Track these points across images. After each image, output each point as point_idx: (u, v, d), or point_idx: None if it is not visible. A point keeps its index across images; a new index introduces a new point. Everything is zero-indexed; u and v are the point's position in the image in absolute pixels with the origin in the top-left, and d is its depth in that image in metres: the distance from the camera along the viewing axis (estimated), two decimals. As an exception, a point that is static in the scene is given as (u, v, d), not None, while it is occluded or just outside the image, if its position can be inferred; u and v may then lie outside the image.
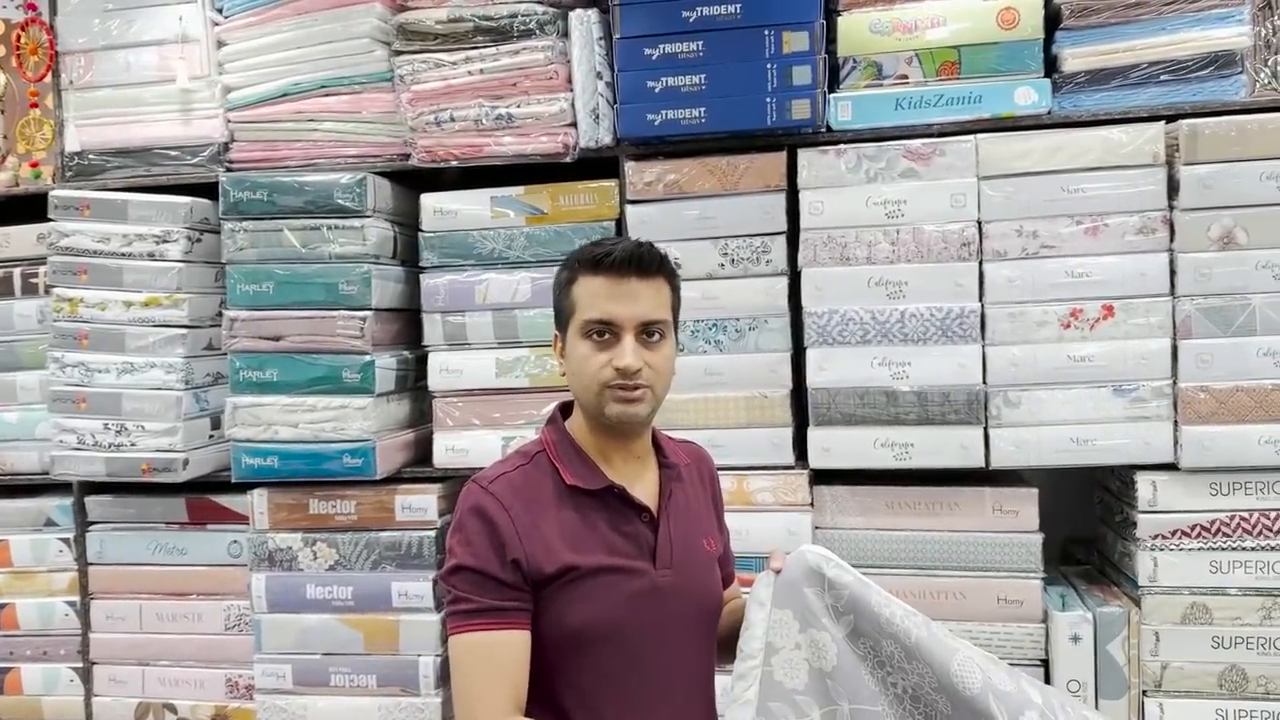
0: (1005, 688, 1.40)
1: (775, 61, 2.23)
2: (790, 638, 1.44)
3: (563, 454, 1.47)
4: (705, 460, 1.66)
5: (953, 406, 2.20)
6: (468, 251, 2.43)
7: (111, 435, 2.46)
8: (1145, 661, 2.16)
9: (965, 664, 1.41)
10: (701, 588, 1.51)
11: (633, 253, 1.41)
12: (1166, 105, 2.18)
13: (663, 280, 1.45)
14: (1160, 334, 2.15)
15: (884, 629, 1.43)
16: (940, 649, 1.42)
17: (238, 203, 2.40)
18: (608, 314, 1.40)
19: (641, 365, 1.40)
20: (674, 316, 1.49)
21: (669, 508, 1.50)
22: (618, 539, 1.44)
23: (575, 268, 1.45)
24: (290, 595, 2.43)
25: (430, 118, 2.41)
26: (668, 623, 1.44)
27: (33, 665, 2.66)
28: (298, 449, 2.39)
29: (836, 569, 1.46)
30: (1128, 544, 2.25)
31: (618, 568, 1.42)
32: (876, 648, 1.44)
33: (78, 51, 2.61)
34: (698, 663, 1.51)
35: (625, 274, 1.41)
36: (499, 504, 1.40)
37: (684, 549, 1.49)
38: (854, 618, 1.45)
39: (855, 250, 2.24)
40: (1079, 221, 2.17)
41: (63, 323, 2.48)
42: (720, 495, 1.67)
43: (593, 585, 1.40)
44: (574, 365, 1.44)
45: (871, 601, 1.44)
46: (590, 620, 1.40)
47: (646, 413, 1.44)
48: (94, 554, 2.60)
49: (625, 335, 1.40)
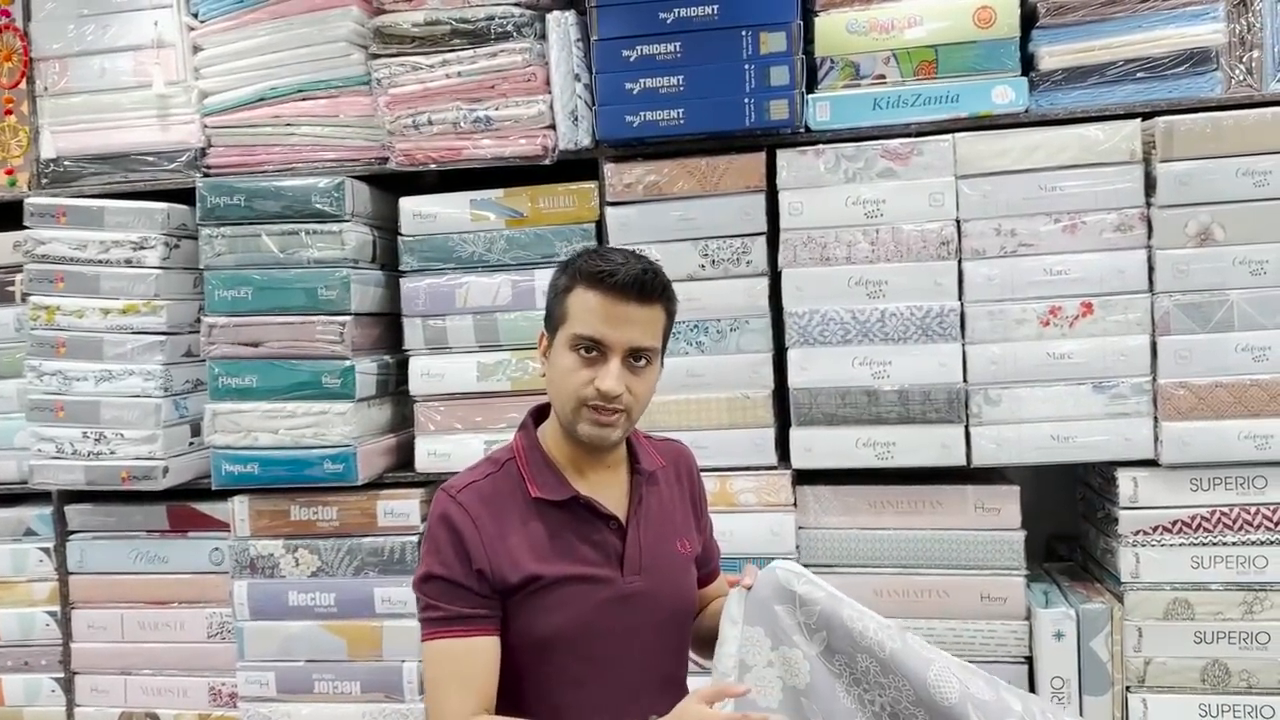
0: (984, 696, 1.40)
1: (753, 62, 2.23)
2: (762, 655, 1.45)
3: (531, 463, 1.48)
4: (685, 458, 1.66)
5: (933, 405, 2.20)
6: (448, 255, 2.42)
7: (90, 443, 2.44)
8: (1128, 658, 2.17)
9: (942, 674, 1.41)
10: (672, 591, 1.52)
11: (637, 277, 1.40)
12: (1143, 102, 2.19)
13: (660, 307, 1.44)
14: (1139, 331, 2.16)
15: (858, 644, 1.43)
16: (916, 660, 1.42)
17: (215, 208, 2.38)
18: (599, 334, 1.40)
19: (623, 390, 1.39)
20: (664, 343, 1.49)
21: (639, 514, 1.50)
22: (584, 548, 1.45)
23: (576, 277, 1.43)
24: (272, 602, 2.42)
25: (408, 121, 2.40)
26: (637, 627, 1.46)
27: (14, 676, 2.64)
28: (278, 455, 2.37)
29: (807, 585, 1.46)
30: (1110, 540, 2.26)
31: (584, 577, 1.44)
32: (852, 664, 1.44)
33: (52, 58, 2.59)
34: (669, 663, 1.54)
35: (625, 297, 1.39)
36: (465, 514, 1.42)
37: (654, 554, 1.50)
38: (827, 634, 1.45)
39: (835, 250, 2.24)
40: (1057, 219, 2.17)
41: (40, 331, 2.45)
42: (701, 493, 1.67)
43: (558, 594, 1.42)
44: (556, 374, 1.44)
45: (844, 617, 1.44)
46: (557, 628, 1.42)
47: (618, 436, 1.44)
48: (74, 563, 2.58)
49: (613, 357, 1.40)
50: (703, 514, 1.66)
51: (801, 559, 2.28)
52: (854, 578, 2.25)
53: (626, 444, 1.55)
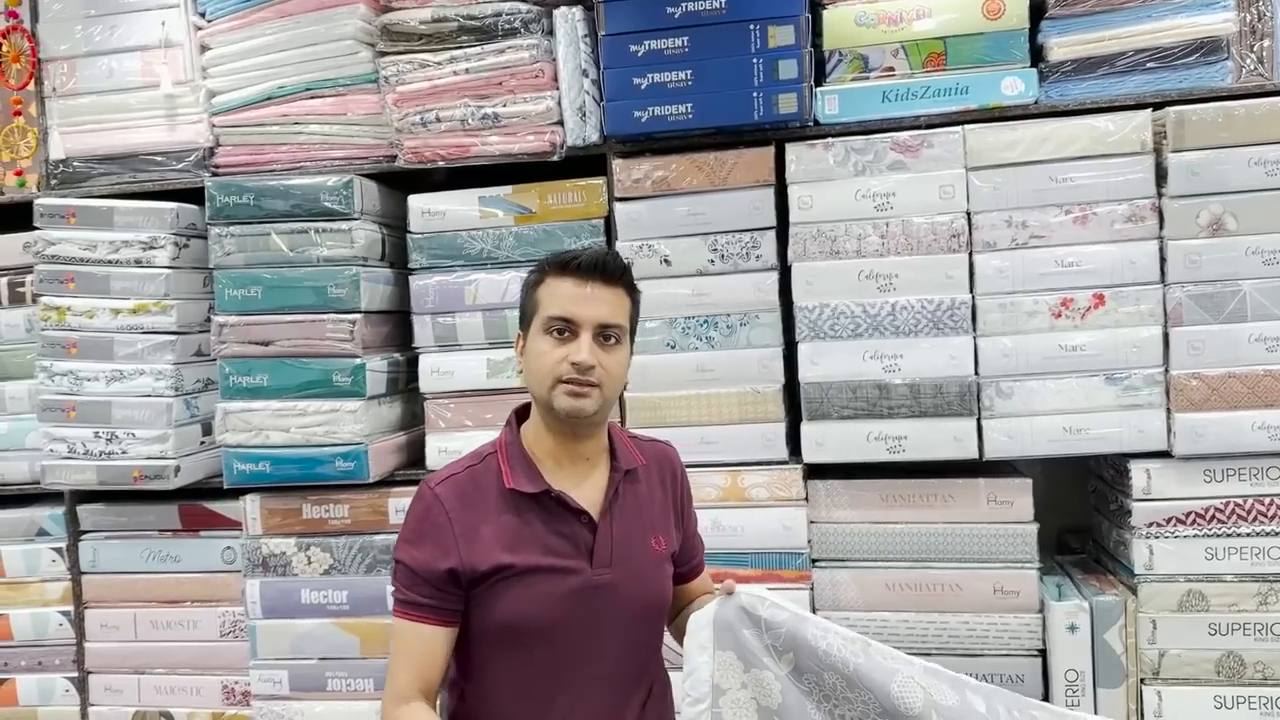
0: (948, 702, 1.44)
1: (761, 56, 2.22)
2: (736, 678, 1.51)
3: (510, 457, 1.56)
4: (669, 460, 1.71)
5: (945, 398, 2.19)
6: (456, 252, 2.42)
7: (102, 443, 2.44)
8: (1143, 650, 2.16)
9: (905, 684, 1.45)
10: (643, 585, 1.57)
11: (599, 259, 1.51)
12: (1153, 93, 2.18)
13: (624, 290, 1.54)
14: (1151, 322, 2.15)
15: (823, 662, 1.48)
16: (880, 673, 1.46)
17: (224, 207, 2.38)
18: (569, 312, 1.49)
19: (595, 363, 1.47)
20: (631, 326, 1.57)
21: (613, 510, 1.56)
22: (555, 540, 1.51)
23: (544, 270, 1.54)
24: (285, 601, 2.42)
25: (416, 118, 2.40)
26: (606, 618, 1.52)
27: (28, 676, 2.65)
28: (289, 454, 2.38)
29: (771, 609, 1.52)
30: (1123, 532, 2.25)
31: (552, 567, 1.50)
32: (820, 681, 1.49)
33: (60, 59, 2.60)
34: (640, 655, 1.59)
35: (590, 278, 1.50)
36: (441, 506, 1.51)
37: (626, 549, 1.55)
38: (794, 654, 1.50)
39: (845, 244, 2.24)
40: (1068, 211, 2.17)
41: (50, 331, 2.46)
42: (685, 494, 1.72)
43: (526, 583, 1.49)
44: (532, 360, 1.52)
45: (809, 636, 1.49)
46: (524, 615, 1.49)
47: (593, 409, 1.50)
48: (87, 563, 2.59)
49: (583, 333, 1.48)
50: (686, 513, 1.71)
51: (813, 553, 2.28)
52: (866, 572, 2.25)
53: (609, 442, 1.61)
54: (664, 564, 1.62)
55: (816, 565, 2.28)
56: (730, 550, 2.30)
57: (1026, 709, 1.48)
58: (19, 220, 2.56)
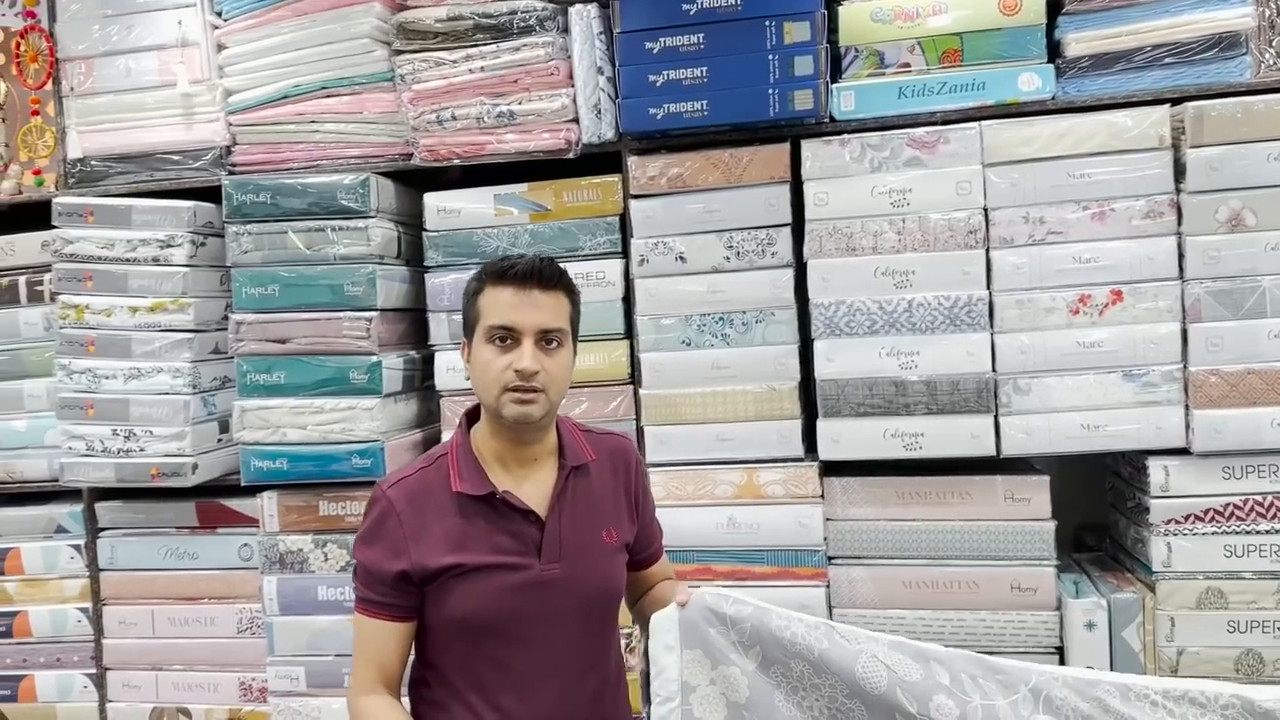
0: (912, 677, 1.48)
1: (777, 52, 2.22)
2: (705, 675, 1.55)
3: (459, 460, 1.60)
4: (623, 452, 1.75)
5: (962, 395, 2.19)
6: (472, 250, 2.43)
7: (120, 441, 2.45)
8: (1161, 647, 2.15)
9: (869, 664, 1.49)
10: (594, 577, 1.62)
11: (535, 266, 1.55)
12: (1171, 88, 2.17)
13: (562, 293, 1.58)
14: (1170, 318, 2.14)
15: (789, 650, 1.52)
16: (844, 656, 1.50)
17: (241, 206, 2.39)
18: (510, 321, 1.53)
19: (539, 369, 1.52)
20: (573, 328, 1.62)
21: (561, 506, 1.60)
22: (503, 539, 1.56)
23: (483, 279, 1.58)
24: (302, 597, 2.43)
25: (432, 116, 2.41)
26: (557, 611, 1.57)
27: (46, 672, 2.66)
28: (306, 451, 2.39)
29: (735, 605, 1.56)
30: (1140, 530, 2.24)
31: (501, 564, 1.54)
32: (787, 671, 1.53)
33: (78, 58, 2.61)
34: (591, 644, 1.63)
35: (528, 285, 1.54)
36: (392, 508, 1.56)
37: (575, 543, 1.60)
38: (761, 648, 1.54)
39: (861, 240, 2.23)
40: (1085, 207, 2.16)
41: (69, 329, 2.47)
42: (640, 485, 1.76)
43: (476, 580, 1.53)
44: (478, 368, 1.57)
45: (773, 627, 1.53)
46: (475, 611, 1.53)
47: (540, 414, 1.55)
48: (105, 560, 2.61)
49: (525, 340, 1.53)
50: (641, 503, 1.75)
51: (829, 550, 2.28)
52: (883, 569, 2.25)
53: (557, 438, 1.66)
54: (615, 556, 1.67)
55: (833, 562, 2.28)
56: (746, 547, 2.30)
57: (991, 674, 1.51)
58: (37, 219, 2.57)
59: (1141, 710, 1.45)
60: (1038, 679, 1.49)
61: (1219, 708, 1.44)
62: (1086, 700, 1.46)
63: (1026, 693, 1.48)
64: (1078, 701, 1.46)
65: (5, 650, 2.67)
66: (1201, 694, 1.45)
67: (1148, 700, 1.45)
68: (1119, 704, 1.45)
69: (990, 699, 1.48)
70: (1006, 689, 1.49)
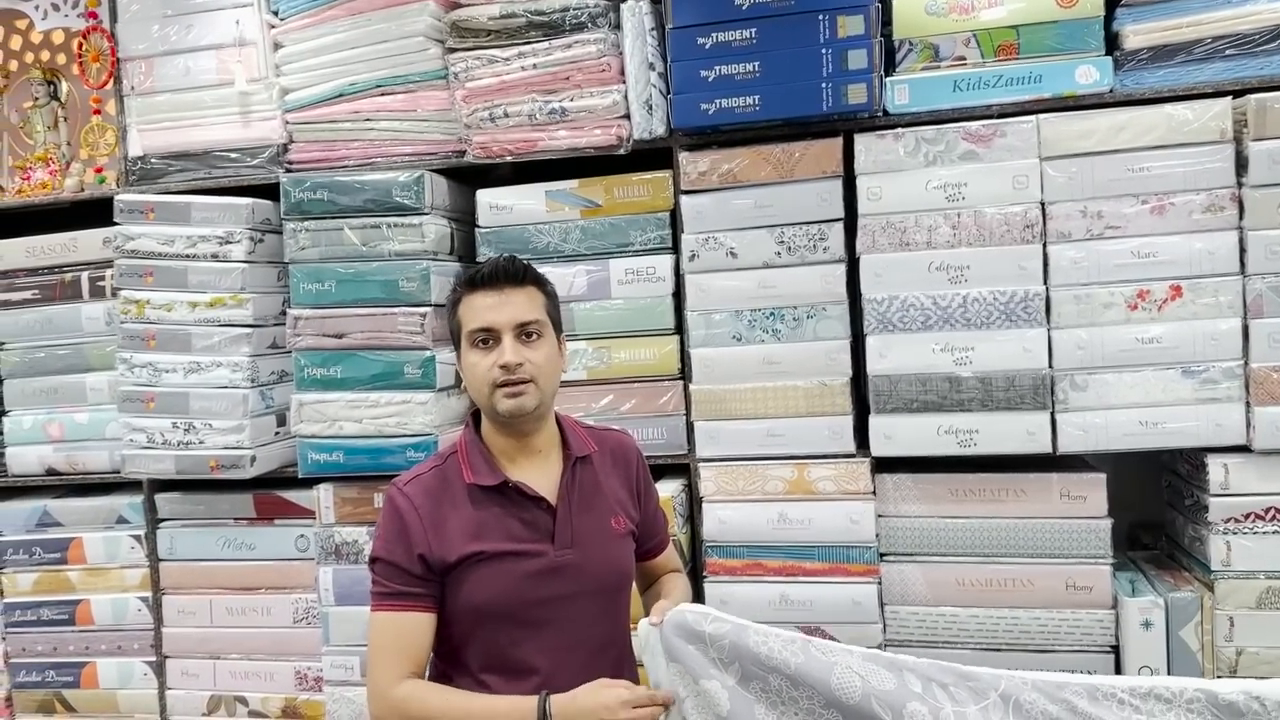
0: (886, 686, 1.52)
1: (830, 46, 2.21)
2: (688, 688, 1.59)
3: (469, 454, 1.68)
4: (623, 447, 1.83)
5: (1018, 391, 2.17)
6: (524, 246, 2.44)
7: (180, 434, 2.50)
8: (1219, 647, 2.12)
9: (843, 675, 1.53)
10: (605, 562, 1.70)
11: (500, 266, 1.64)
12: (1233, 80, 2.13)
13: (533, 286, 1.67)
14: (1230, 314, 2.11)
15: (766, 665, 1.56)
16: (818, 668, 1.54)
17: (299, 203, 2.43)
18: (487, 321, 1.62)
19: (523, 360, 1.60)
20: (553, 319, 1.69)
21: (569, 494, 1.68)
22: (517, 526, 1.64)
23: (457, 290, 1.68)
24: (357, 588, 2.45)
25: (484, 114, 2.43)
26: (571, 595, 1.64)
27: (108, 659, 2.72)
28: (362, 444, 2.42)
29: (715, 623, 1.60)
30: (1199, 528, 2.21)
31: (517, 552, 1.62)
32: (766, 685, 1.57)
33: (138, 58, 2.66)
34: (605, 627, 1.70)
35: (498, 285, 1.63)
36: (410, 503, 1.63)
37: (586, 529, 1.68)
38: (739, 664, 1.58)
39: (915, 235, 2.22)
40: (1144, 201, 2.13)
41: (130, 324, 2.53)
42: (643, 476, 1.84)
43: (493, 567, 1.61)
44: (468, 373, 1.66)
45: (751, 643, 1.57)
46: (494, 597, 1.60)
47: (533, 405, 1.62)
48: (165, 550, 2.66)
49: (505, 336, 1.61)
50: (645, 495, 1.83)
51: (881, 547, 2.27)
52: (935, 567, 2.24)
53: (560, 433, 1.74)
54: (624, 541, 1.74)
55: (884, 559, 2.27)
56: (797, 543, 2.30)
57: (962, 681, 1.53)
58: (99, 216, 2.63)
59: (1109, 710, 1.47)
60: (1007, 684, 1.51)
61: (1184, 702, 1.46)
62: (1055, 703, 1.49)
63: (996, 698, 1.51)
64: (1046, 704, 1.49)
65: (68, 637, 2.74)
66: (1167, 689, 1.47)
67: (1115, 699, 1.48)
68: (1087, 705, 1.48)
69: (961, 705, 1.50)
70: (977, 695, 1.52)
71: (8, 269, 2.75)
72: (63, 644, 2.74)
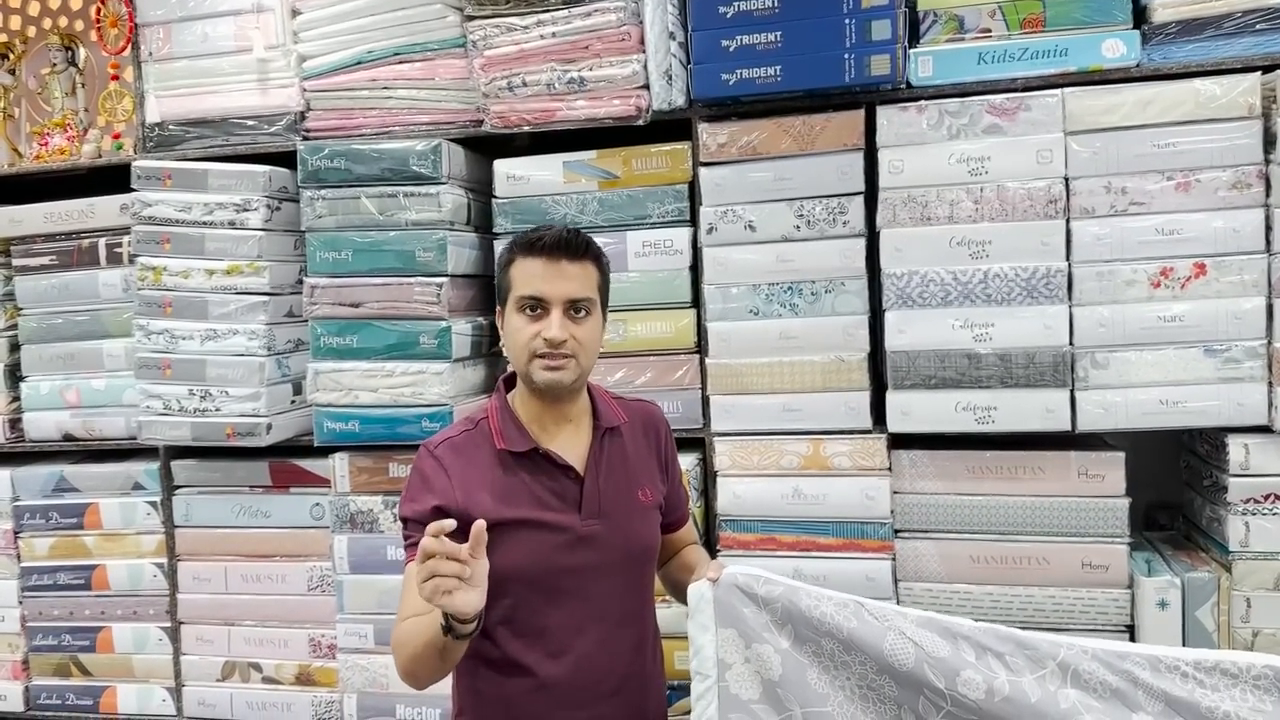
0: (939, 654, 1.50)
1: (854, 16, 2.18)
2: (739, 653, 1.58)
3: (500, 420, 1.68)
4: (653, 418, 1.83)
5: (1038, 369, 2.15)
6: (541, 217, 2.43)
7: (196, 401, 2.51)
8: (1236, 628, 2.11)
9: (896, 642, 1.52)
10: (631, 533, 1.69)
11: (563, 237, 1.61)
12: (1262, 55, 2.10)
13: (590, 263, 1.65)
14: (1255, 292, 2.08)
15: (819, 629, 1.55)
16: (871, 634, 1.53)
17: (316, 171, 2.42)
18: (539, 291, 1.60)
19: (567, 337, 1.59)
20: (602, 297, 1.68)
21: (598, 464, 1.68)
22: (545, 494, 1.64)
23: (514, 250, 1.65)
24: (371, 556, 2.47)
25: (503, 83, 2.41)
26: (596, 565, 1.64)
27: (123, 624, 2.75)
28: (378, 414, 2.42)
29: (767, 585, 1.59)
30: (1217, 509, 2.20)
31: (543, 521, 1.62)
32: (818, 649, 1.56)
33: (156, 24, 2.65)
34: (629, 598, 1.70)
35: (556, 256, 1.60)
36: (438, 464, 1.64)
37: (613, 500, 1.68)
38: (792, 626, 1.57)
39: (936, 209, 2.20)
40: (1170, 177, 2.10)
41: (147, 291, 2.53)
42: (669, 449, 1.84)
43: (520, 534, 1.60)
44: (509, 336, 1.65)
45: (803, 606, 1.56)
46: (519, 564, 1.59)
47: (571, 380, 1.62)
48: (180, 517, 2.68)
49: (554, 310, 1.60)
50: (670, 468, 1.84)
51: (896, 524, 2.26)
52: (950, 544, 2.23)
53: (591, 403, 1.73)
54: (650, 513, 1.75)
55: (899, 536, 2.27)
56: (811, 518, 2.29)
57: (1019, 649, 1.51)
58: (116, 183, 2.63)
59: (1171, 682, 1.44)
60: (1066, 653, 1.49)
61: (1251, 678, 1.43)
62: (1115, 674, 1.46)
63: (1055, 667, 1.49)
64: (1106, 675, 1.46)
65: (85, 602, 2.76)
66: (1234, 665, 1.44)
67: (1178, 672, 1.45)
68: (1149, 676, 1.45)
69: (1017, 674, 1.49)
70: (1034, 664, 1.50)
71: (26, 234, 2.76)
72: (79, 608, 2.76)
